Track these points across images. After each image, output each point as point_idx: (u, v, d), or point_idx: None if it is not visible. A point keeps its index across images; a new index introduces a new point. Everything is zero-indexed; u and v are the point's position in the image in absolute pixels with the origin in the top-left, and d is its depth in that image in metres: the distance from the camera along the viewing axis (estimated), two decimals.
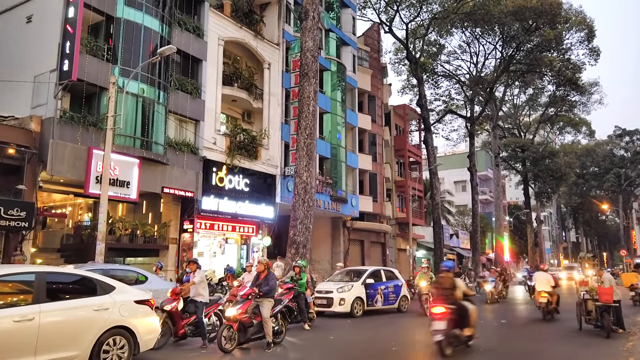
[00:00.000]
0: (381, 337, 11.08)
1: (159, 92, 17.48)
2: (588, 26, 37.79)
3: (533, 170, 51.49)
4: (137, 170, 16.49)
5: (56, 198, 19.16)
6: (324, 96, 26.36)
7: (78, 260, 14.41)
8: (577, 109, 51.28)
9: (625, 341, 10.26)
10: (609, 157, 64.55)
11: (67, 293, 6.86)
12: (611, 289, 11.10)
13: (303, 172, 17.22)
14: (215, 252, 21.20)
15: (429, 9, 35.90)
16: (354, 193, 29.11)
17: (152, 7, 17.44)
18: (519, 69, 41.99)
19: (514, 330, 12.52)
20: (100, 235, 13.16)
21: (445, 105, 45.24)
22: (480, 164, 52.98)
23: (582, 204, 72.66)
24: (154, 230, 18.47)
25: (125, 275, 10.56)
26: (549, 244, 73.24)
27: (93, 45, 16.01)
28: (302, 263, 13.06)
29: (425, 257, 41.88)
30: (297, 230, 16.73)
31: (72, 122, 15.20)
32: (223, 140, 20.64)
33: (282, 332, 9.73)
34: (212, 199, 19.75)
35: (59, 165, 14.78)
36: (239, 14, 22.63)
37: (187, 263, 12.46)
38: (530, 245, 54.20)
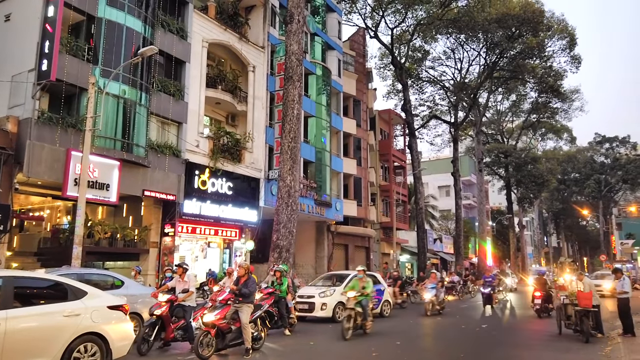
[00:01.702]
0: (362, 342, 11.00)
1: (141, 94, 17.23)
2: (570, 34, 38.46)
3: (516, 175, 52.09)
4: (118, 173, 16.22)
5: (34, 200, 18.75)
6: (309, 100, 26.32)
7: (55, 264, 14.04)
8: (558, 115, 52.13)
9: (604, 346, 10.34)
10: (589, 163, 65.59)
11: (36, 298, 6.63)
12: (590, 293, 11.19)
13: (287, 175, 17.12)
14: (197, 256, 20.95)
15: (414, 15, 36.21)
16: (339, 197, 29.07)
17: (135, 7, 17.21)
18: (502, 76, 42.53)
19: (494, 336, 12.55)
20: (77, 239, 12.88)
21: (429, 111, 45.61)
22: (464, 169, 53.43)
23: (564, 210, 73.70)
24: (134, 234, 18.18)
25: (101, 279, 10.31)
26: (531, 249, 74.11)
27: (73, 45, 15.72)
28: (283, 267, 12.94)
29: (409, 261, 42.06)
30: (281, 234, 16.62)
31: (51, 123, 14.89)
32: (206, 143, 20.44)
33: (261, 337, 9.59)
34: (194, 202, 19.53)
35: (36, 167, 14.45)
36: (223, 16, 22.49)
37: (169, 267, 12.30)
38: (513, 250, 54.75)
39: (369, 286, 12.14)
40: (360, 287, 11.96)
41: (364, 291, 11.85)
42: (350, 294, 11.66)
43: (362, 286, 12.01)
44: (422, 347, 11.34)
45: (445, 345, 11.20)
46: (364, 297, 11.83)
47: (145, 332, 9.06)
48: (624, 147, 65.23)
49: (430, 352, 10.65)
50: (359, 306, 11.53)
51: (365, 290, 11.94)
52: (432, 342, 12.28)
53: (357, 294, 11.64)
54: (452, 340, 11.86)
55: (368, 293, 12.05)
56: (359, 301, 11.55)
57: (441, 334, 13.17)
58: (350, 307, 11.36)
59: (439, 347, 11.23)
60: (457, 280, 27.63)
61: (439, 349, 10.86)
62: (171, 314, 9.44)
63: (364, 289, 12.00)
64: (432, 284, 17.70)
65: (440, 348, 11.01)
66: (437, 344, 11.83)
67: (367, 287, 12.09)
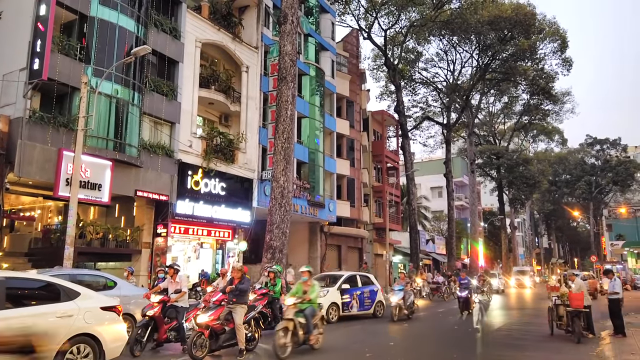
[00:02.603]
0: (355, 342, 11.01)
1: (134, 93, 17.14)
2: (561, 37, 38.80)
3: (507, 177, 52.43)
4: (110, 173, 16.12)
5: (25, 200, 18.58)
6: (302, 100, 26.31)
7: (47, 265, 13.92)
8: (550, 117, 52.71)
9: (595, 346, 10.43)
10: (580, 165, 66.17)
11: (28, 299, 6.58)
12: (581, 294, 11.28)
13: (280, 176, 17.10)
14: (189, 256, 20.85)
15: (407, 17, 36.39)
16: (332, 198, 29.08)
17: (128, 6, 17.12)
18: (494, 78, 42.81)
19: (486, 336, 12.61)
20: (69, 239, 12.78)
21: (422, 112, 45.84)
22: (456, 170, 53.67)
23: (555, 211, 74.28)
24: (126, 235, 18.08)
25: (93, 280, 10.23)
26: (522, 250, 74.58)
27: (65, 44, 15.61)
28: (277, 268, 12.92)
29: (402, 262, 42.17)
30: (274, 235, 16.58)
31: (42, 123, 14.77)
32: (199, 143, 20.37)
33: (255, 338, 9.57)
34: (187, 202, 19.45)
35: (27, 167, 14.33)
36: (217, 16, 22.43)
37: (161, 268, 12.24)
38: (505, 250, 55.08)
39: (313, 291, 9.73)
40: (302, 293, 9.70)
41: (305, 297, 9.57)
42: (288, 301, 9.50)
43: (304, 291, 9.72)
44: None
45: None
46: (308, 304, 9.54)
47: (138, 333, 9.01)
48: (615, 149, 65.90)
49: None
50: (300, 316, 9.27)
51: (307, 296, 9.61)
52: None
53: (296, 300, 9.42)
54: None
55: (311, 299, 9.66)
56: (300, 310, 9.36)
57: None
58: (288, 318, 9.11)
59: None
60: (442, 281, 27.23)
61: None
62: (164, 314, 9.41)
63: (305, 293, 9.73)
64: (400, 285, 15.81)
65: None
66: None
67: (311, 292, 9.70)
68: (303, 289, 9.76)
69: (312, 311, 9.54)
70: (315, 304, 9.78)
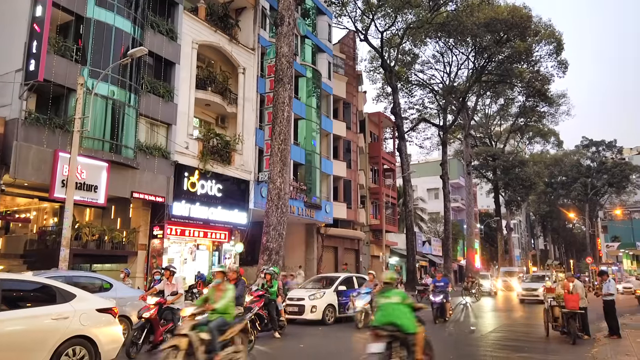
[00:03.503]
0: (352, 345, 11.02)
1: (130, 95, 17.12)
2: (557, 39, 38.99)
3: (503, 178, 52.58)
4: (106, 174, 16.08)
5: (20, 202, 18.51)
6: (299, 102, 26.33)
7: (42, 267, 13.89)
8: (545, 119, 52.91)
9: (590, 347, 10.47)
10: (576, 166, 66.42)
11: (24, 301, 6.56)
12: (577, 295, 11.33)
13: (277, 178, 17.11)
14: (186, 258, 20.82)
15: (403, 19, 36.49)
16: (328, 199, 29.09)
17: (124, 8, 17.10)
18: (490, 80, 42.96)
19: (481, 338, 12.63)
20: (65, 241, 12.72)
21: (419, 114, 45.94)
22: (453, 172, 53.81)
23: (551, 213, 74.50)
24: (122, 236, 18.03)
25: (89, 282, 10.19)
26: (518, 251, 74.77)
27: (61, 45, 15.58)
28: (274, 270, 12.91)
29: (398, 263, 42.20)
30: (270, 236, 16.59)
31: (38, 124, 14.73)
32: (196, 145, 20.35)
33: (251, 340, 9.54)
34: (183, 204, 19.41)
35: (22, 168, 14.27)
36: (213, 17, 22.43)
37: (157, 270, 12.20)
38: (501, 252, 55.21)
39: (224, 297, 7.06)
40: (217, 299, 7.06)
41: (207, 306, 6.90)
42: (186, 311, 6.95)
43: (206, 299, 7.16)
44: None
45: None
46: (217, 314, 6.92)
47: (134, 335, 8.99)
48: (610, 151, 66.21)
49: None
50: (203, 330, 6.65)
51: (209, 305, 6.91)
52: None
53: (195, 310, 6.82)
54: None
55: (215, 308, 6.88)
56: (203, 323, 6.73)
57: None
58: (180, 333, 6.57)
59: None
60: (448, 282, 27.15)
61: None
62: (160, 316, 9.38)
63: (207, 301, 7.09)
64: (367, 288, 14.09)
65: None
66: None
67: (222, 298, 7.05)
68: (216, 295, 7.16)
69: (222, 324, 6.89)
70: (229, 315, 7.14)
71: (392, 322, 6.26)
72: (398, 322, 6.24)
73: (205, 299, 7.15)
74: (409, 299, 6.62)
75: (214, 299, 7.07)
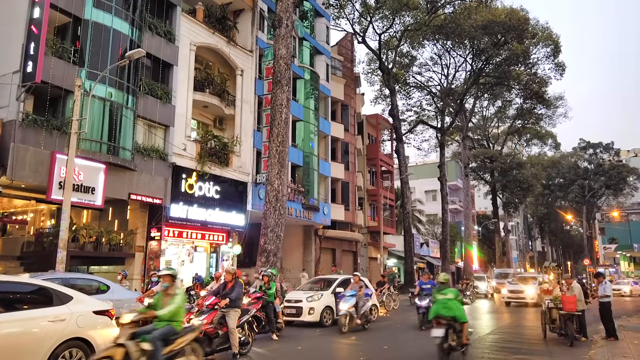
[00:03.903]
0: (349, 346, 11.01)
1: (128, 97, 17.10)
2: (554, 42, 39.09)
3: (501, 180, 52.66)
4: (103, 176, 16.05)
5: (17, 204, 18.46)
6: (297, 104, 26.35)
7: (39, 269, 13.87)
8: (543, 121, 53.01)
9: (587, 349, 10.49)
10: (573, 168, 66.58)
11: (20, 303, 6.53)
12: (574, 297, 11.34)
13: (275, 179, 17.10)
14: (183, 260, 20.78)
15: (401, 21, 36.57)
16: (326, 201, 29.10)
17: (122, 9, 17.10)
18: (488, 82, 43.04)
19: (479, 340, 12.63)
20: (62, 243, 12.70)
21: (416, 116, 46.00)
22: (450, 174, 53.85)
23: (548, 214, 74.64)
24: (119, 238, 18.00)
25: (86, 284, 10.18)
26: (516, 253, 74.84)
27: (59, 47, 15.57)
28: (272, 272, 12.89)
29: (396, 265, 42.19)
30: (268, 238, 16.57)
31: (35, 126, 14.70)
32: (193, 147, 20.34)
33: (248, 342, 9.55)
34: (181, 206, 19.39)
35: (20, 170, 14.24)
36: (211, 19, 22.45)
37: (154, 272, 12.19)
38: (498, 254, 55.26)
39: (172, 302, 6.35)
40: (165, 305, 6.39)
41: (148, 313, 6.24)
42: (125, 318, 6.07)
43: (165, 302, 6.45)
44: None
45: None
46: (164, 323, 6.24)
47: None
48: (608, 153, 66.40)
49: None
50: (145, 341, 5.93)
51: (151, 312, 6.27)
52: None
53: (135, 317, 6.11)
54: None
55: (157, 315, 6.22)
56: (145, 332, 6.04)
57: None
58: (115, 344, 5.88)
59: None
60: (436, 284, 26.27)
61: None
62: None
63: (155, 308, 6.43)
64: (352, 290, 13.52)
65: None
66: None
67: (169, 303, 6.36)
68: (164, 300, 6.50)
69: (168, 333, 6.20)
70: (177, 323, 6.43)
71: (450, 314, 8.29)
72: (453, 314, 8.30)
73: (152, 305, 6.54)
74: (459, 296, 8.74)
75: (161, 305, 6.44)
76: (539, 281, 22.39)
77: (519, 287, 22.93)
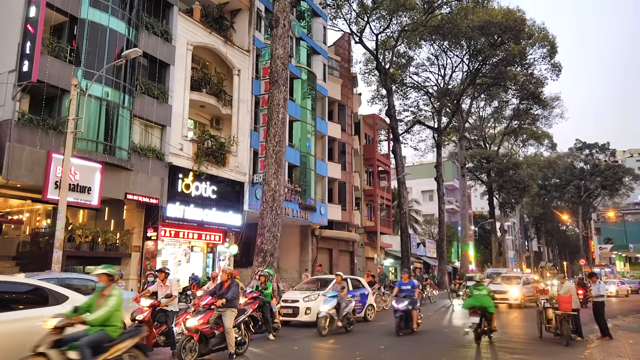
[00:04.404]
0: (346, 346, 11.01)
1: (124, 96, 17.06)
2: (550, 42, 39.23)
3: (498, 181, 52.80)
4: (99, 176, 16.01)
5: (13, 203, 18.40)
6: (294, 104, 26.34)
7: (35, 269, 13.81)
8: (539, 122, 53.19)
9: (583, 349, 10.52)
10: (569, 169, 66.83)
11: (16, 303, 6.52)
12: (570, 297, 11.39)
13: (271, 179, 17.10)
14: (180, 260, 20.77)
15: (398, 21, 36.61)
16: (323, 201, 29.10)
17: (119, 9, 17.06)
18: (484, 82, 43.16)
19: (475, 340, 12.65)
20: (58, 243, 12.66)
21: (413, 116, 46.08)
22: (447, 174, 53.97)
23: (544, 215, 74.90)
24: (116, 238, 17.96)
25: (82, 284, 10.13)
26: (512, 253, 75.08)
27: (55, 46, 15.52)
28: (269, 272, 12.88)
29: (393, 265, 42.24)
30: (265, 238, 16.57)
31: (31, 125, 14.66)
32: (190, 146, 20.31)
33: (245, 342, 9.54)
34: (177, 206, 19.36)
35: (15, 170, 14.19)
36: (208, 19, 22.42)
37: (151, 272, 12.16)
38: (495, 254, 55.42)
39: (107, 304, 5.72)
40: (99, 306, 5.75)
41: (73, 319, 5.51)
42: (49, 323, 5.50)
43: (100, 304, 5.78)
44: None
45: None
46: (99, 328, 5.62)
47: None
48: (604, 154, 66.66)
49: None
50: (73, 349, 5.30)
51: (78, 317, 5.58)
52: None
53: (60, 323, 5.41)
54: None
55: (86, 321, 5.57)
56: (72, 339, 5.40)
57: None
58: (36, 353, 5.19)
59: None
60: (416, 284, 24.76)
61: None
62: (153, 319, 9.33)
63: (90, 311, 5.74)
64: (333, 291, 12.65)
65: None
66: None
67: (104, 305, 5.72)
68: (98, 301, 5.86)
69: (100, 339, 5.56)
70: (113, 328, 5.77)
71: (483, 305, 10.89)
72: (486, 305, 10.92)
73: (85, 307, 5.82)
74: (490, 292, 11.49)
75: (95, 307, 5.78)
76: (522, 281, 22.03)
77: (503, 288, 21.75)
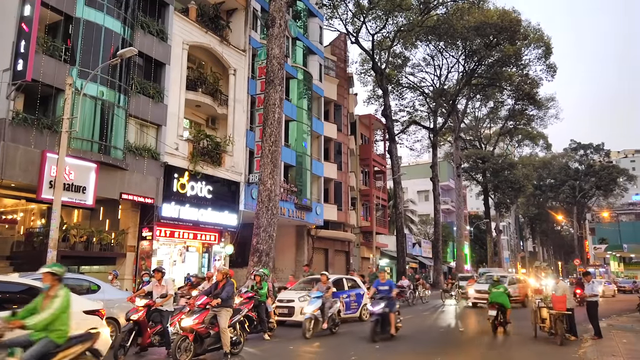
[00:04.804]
0: (341, 346, 11.02)
1: (120, 95, 17.00)
2: (545, 43, 39.43)
3: (493, 181, 53.00)
4: (94, 175, 15.94)
5: (7, 203, 18.27)
6: (290, 104, 26.33)
7: (29, 268, 13.71)
8: (534, 122, 53.46)
9: (577, 348, 10.58)
10: (564, 169, 67.14)
11: (9, 303, 6.47)
12: (564, 297, 11.44)
13: (267, 179, 17.08)
14: (175, 260, 20.70)
15: (394, 22, 36.67)
16: (319, 201, 29.10)
17: (114, 8, 17.00)
18: (480, 83, 43.31)
19: (471, 338, 12.72)
20: (52, 243, 12.61)
21: (409, 116, 46.19)
22: (443, 174, 54.09)
23: (539, 215, 75.22)
24: (111, 238, 17.88)
25: (77, 284, 10.07)
26: (507, 253, 75.34)
27: (50, 45, 15.44)
28: (264, 271, 12.88)
29: (389, 265, 42.30)
30: (260, 238, 16.55)
31: (26, 124, 14.57)
32: (186, 146, 20.26)
33: (240, 342, 9.54)
34: (172, 205, 19.30)
35: (9, 169, 14.11)
36: (204, 18, 22.37)
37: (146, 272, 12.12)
38: (490, 254, 55.60)
39: (51, 307, 5.13)
40: (43, 308, 5.18)
41: (14, 322, 4.93)
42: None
43: (44, 307, 5.19)
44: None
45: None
46: (44, 334, 5.06)
47: (122, 337, 8.90)
48: (598, 154, 67.01)
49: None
50: (15, 355, 4.87)
51: (18, 322, 4.97)
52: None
53: (3, 326, 4.87)
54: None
55: (26, 325, 4.95)
56: (18, 343, 4.98)
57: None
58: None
59: None
60: (408, 284, 23.76)
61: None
62: (148, 318, 9.31)
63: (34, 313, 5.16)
64: (318, 292, 12.12)
65: None
66: None
67: (48, 308, 5.13)
68: (44, 303, 5.24)
69: (44, 348, 5.03)
70: (58, 332, 5.17)
71: (501, 301, 12.78)
72: (502, 301, 12.83)
73: (30, 309, 5.19)
74: (507, 290, 13.48)
75: (39, 310, 5.18)
76: (509, 280, 21.84)
77: (486, 287, 22.04)
